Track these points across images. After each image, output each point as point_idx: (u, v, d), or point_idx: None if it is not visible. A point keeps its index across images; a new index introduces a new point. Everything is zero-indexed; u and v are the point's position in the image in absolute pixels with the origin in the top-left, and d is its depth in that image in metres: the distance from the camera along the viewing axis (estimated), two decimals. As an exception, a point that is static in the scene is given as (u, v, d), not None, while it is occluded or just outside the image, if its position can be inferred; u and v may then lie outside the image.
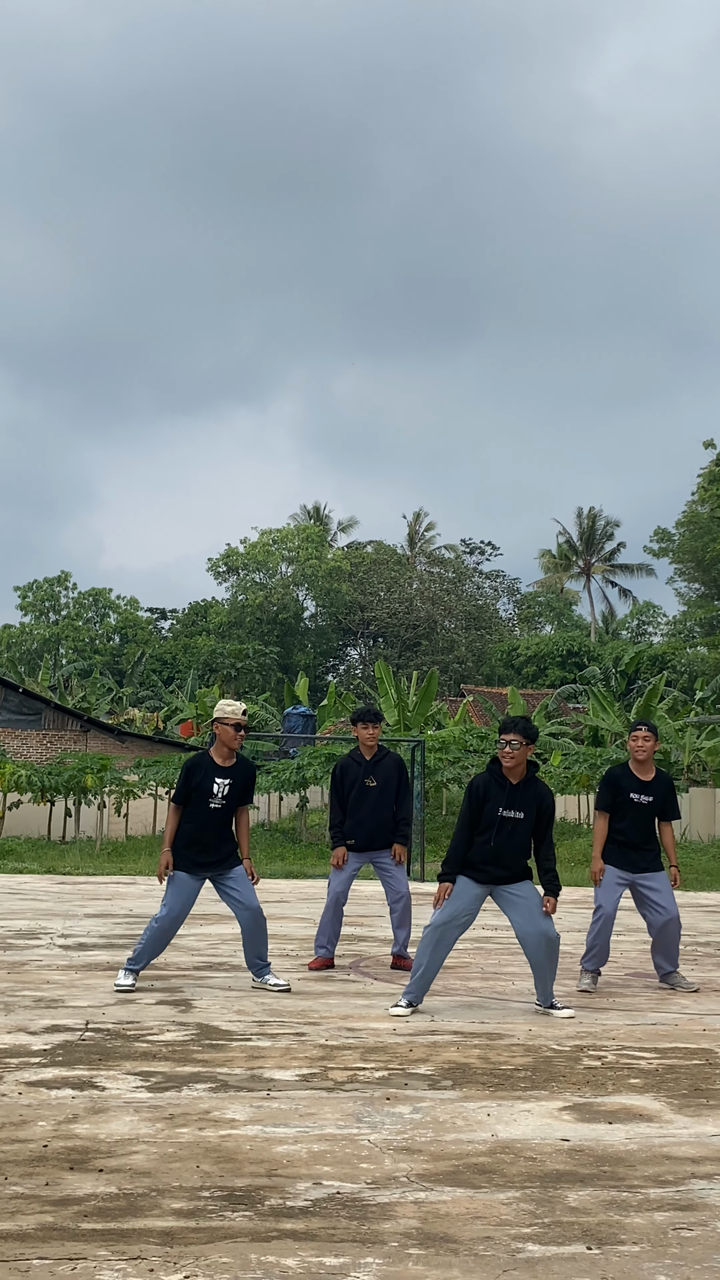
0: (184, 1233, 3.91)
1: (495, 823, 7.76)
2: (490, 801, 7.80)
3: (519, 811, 7.79)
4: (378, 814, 9.45)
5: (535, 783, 7.91)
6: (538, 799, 7.84)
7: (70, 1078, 5.92)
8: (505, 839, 7.76)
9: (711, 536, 53.83)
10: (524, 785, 7.85)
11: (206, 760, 8.55)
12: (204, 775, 8.46)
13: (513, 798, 7.79)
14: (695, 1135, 5.18)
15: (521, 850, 7.82)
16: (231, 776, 8.50)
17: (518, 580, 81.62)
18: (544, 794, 7.89)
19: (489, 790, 7.83)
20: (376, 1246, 3.83)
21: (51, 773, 27.81)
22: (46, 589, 77.60)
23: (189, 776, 8.48)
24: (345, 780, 9.56)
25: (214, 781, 8.44)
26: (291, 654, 68.92)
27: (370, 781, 9.50)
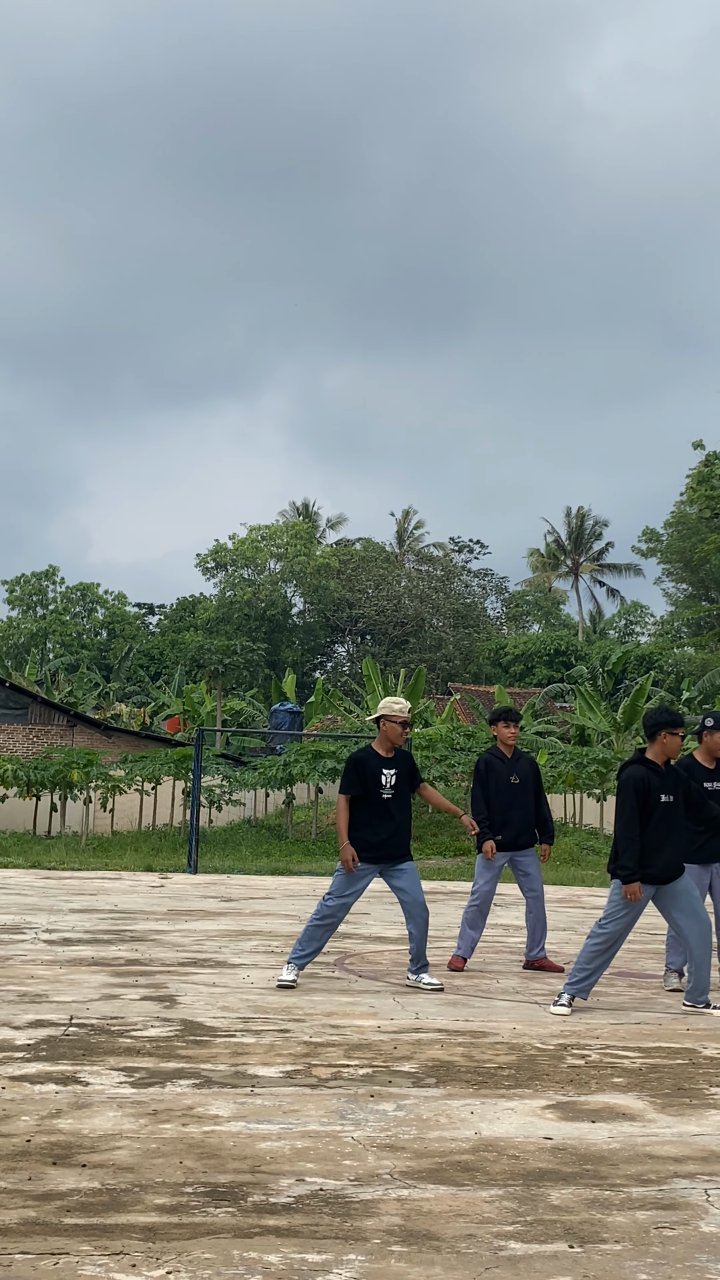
0: (167, 1228, 3.91)
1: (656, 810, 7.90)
2: (653, 791, 7.92)
3: (672, 795, 7.98)
4: (524, 811, 9.67)
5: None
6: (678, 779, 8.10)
7: (54, 1073, 5.91)
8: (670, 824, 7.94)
9: (700, 537, 53.94)
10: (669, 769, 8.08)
11: (371, 754, 8.84)
12: (371, 768, 8.75)
13: (665, 781, 7.98)
14: (678, 1134, 5.20)
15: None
16: (396, 766, 8.82)
17: (506, 579, 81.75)
18: (678, 769, 8.17)
19: (649, 781, 7.94)
20: (359, 1243, 3.83)
21: (37, 767, 27.76)
22: (34, 583, 77.42)
23: (360, 769, 8.74)
24: (490, 776, 9.71)
25: (382, 773, 8.74)
26: (279, 650, 68.87)
27: (515, 779, 9.67)
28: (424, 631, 69.87)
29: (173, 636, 71.34)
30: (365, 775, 8.71)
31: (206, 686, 49.53)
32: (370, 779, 8.71)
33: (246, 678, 57.53)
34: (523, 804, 9.65)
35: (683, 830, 7.99)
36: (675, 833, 7.91)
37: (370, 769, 8.73)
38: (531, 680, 63.64)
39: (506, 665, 66.52)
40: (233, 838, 28.10)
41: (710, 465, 37.57)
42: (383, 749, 8.84)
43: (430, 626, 70.24)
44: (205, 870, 20.94)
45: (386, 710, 8.84)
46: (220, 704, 45.67)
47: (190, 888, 17.11)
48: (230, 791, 28.44)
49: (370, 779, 8.71)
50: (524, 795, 9.66)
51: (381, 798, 8.69)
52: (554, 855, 25.28)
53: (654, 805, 7.87)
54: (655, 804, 7.87)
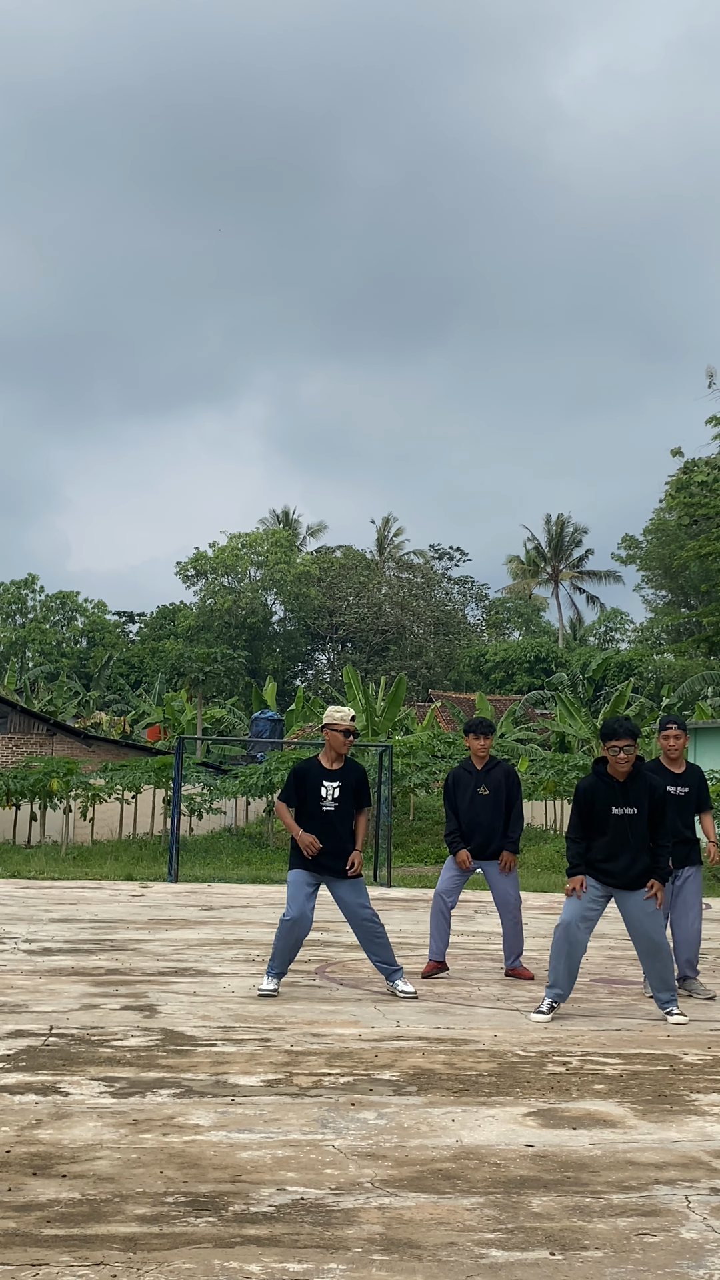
0: (147, 1238, 3.90)
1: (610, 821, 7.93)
2: (599, 801, 7.95)
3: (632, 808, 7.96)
4: (492, 822, 9.64)
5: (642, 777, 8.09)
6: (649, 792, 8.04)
7: (34, 1083, 5.89)
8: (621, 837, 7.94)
9: (678, 544, 54.13)
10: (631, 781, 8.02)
11: (315, 765, 8.74)
12: (313, 780, 8.65)
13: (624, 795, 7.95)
14: (659, 1141, 5.21)
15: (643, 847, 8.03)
16: (341, 779, 8.69)
17: (486, 586, 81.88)
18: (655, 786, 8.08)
19: (596, 791, 7.98)
20: (340, 1252, 3.83)
21: (17, 776, 27.65)
22: (13, 592, 77.20)
23: (300, 781, 8.68)
24: (458, 789, 9.77)
25: (322, 785, 8.64)
26: (260, 658, 68.82)
27: (483, 790, 9.68)
28: (405, 639, 69.92)
29: (153, 645, 71.23)
30: (304, 786, 8.64)
31: (187, 695, 49.45)
32: (309, 790, 8.62)
33: (227, 686, 57.47)
34: (491, 815, 9.65)
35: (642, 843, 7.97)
36: (632, 845, 7.93)
37: (310, 780, 8.64)
38: (512, 687, 63.75)
39: (487, 672, 66.63)
40: (213, 846, 28.05)
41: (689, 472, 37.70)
42: (327, 760, 8.74)
43: (411, 634, 70.30)
44: (186, 879, 20.88)
45: (328, 719, 8.75)
46: (201, 712, 45.59)
47: (171, 896, 17.07)
48: (211, 800, 28.38)
49: (309, 790, 8.62)
50: (493, 806, 9.66)
51: (321, 809, 8.58)
52: (535, 862, 25.29)
53: (602, 817, 7.93)
54: (605, 815, 7.92)
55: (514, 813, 9.75)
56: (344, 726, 8.70)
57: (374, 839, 23.23)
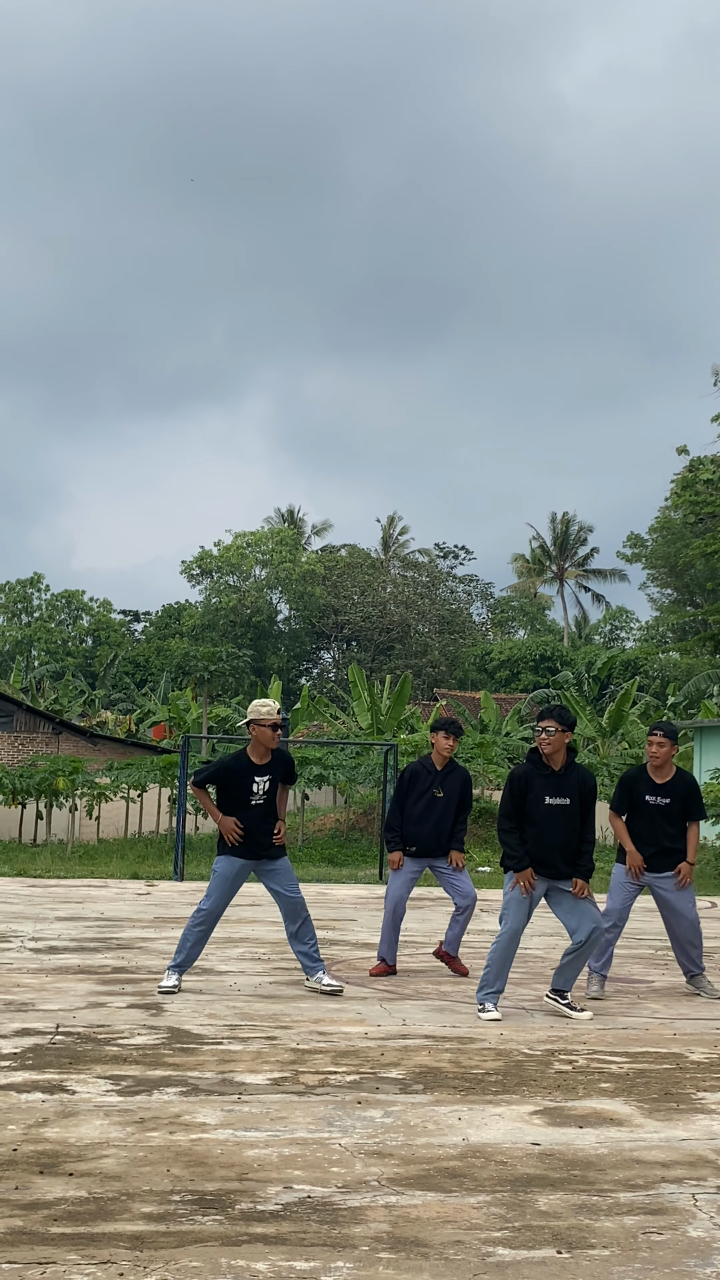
0: (154, 1237, 3.90)
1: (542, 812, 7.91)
2: (534, 790, 7.92)
3: (565, 798, 7.92)
4: (440, 824, 9.55)
5: (576, 768, 8.05)
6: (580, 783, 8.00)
7: (40, 1081, 5.89)
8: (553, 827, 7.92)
9: (684, 542, 54.07)
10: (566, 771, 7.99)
11: (244, 762, 8.66)
12: (242, 776, 8.60)
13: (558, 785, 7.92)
14: (665, 1139, 5.20)
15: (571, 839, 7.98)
16: (270, 772, 8.65)
17: (491, 585, 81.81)
18: (586, 778, 8.04)
19: (532, 780, 7.95)
20: (347, 1250, 3.83)
21: (23, 775, 27.67)
22: (19, 591, 77.27)
23: (225, 776, 8.62)
24: (413, 787, 9.64)
25: (253, 780, 8.59)
26: (265, 657, 68.83)
27: (438, 792, 9.58)
28: (409, 638, 69.90)
29: (158, 643, 71.24)
30: (231, 783, 8.58)
31: (192, 693, 49.48)
32: (239, 787, 8.55)
33: (232, 684, 57.54)
34: (443, 817, 9.53)
35: (573, 835, 7.95)
36: (563, 836, 7.92)
37: (240, 777, 8.58)
38: (517, 686, 63.73)
39: (492, 671, 66.61)
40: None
41: (694, 471, 37.65)
42: (255, 755, 8.65)
43: (416, 632, 70.27)
44: (191, 877, 20.87)
45: (255, 714, 8.63)
46: (206, 711, 45.60)
47: (176, 895, 17.07)
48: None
49: (239, 787, 8.55)
50: (447, 808, 9.54)
51: (251, 803, 8.56)
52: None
53: (534, 805, 7.92)
54: (538, 804, 7.91)
55: (463, 817, 9.64)
56: (272, 721, 8.61)
57: (378, 837, 23.22)
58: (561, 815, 7.90)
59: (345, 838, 28.72)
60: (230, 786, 8.61)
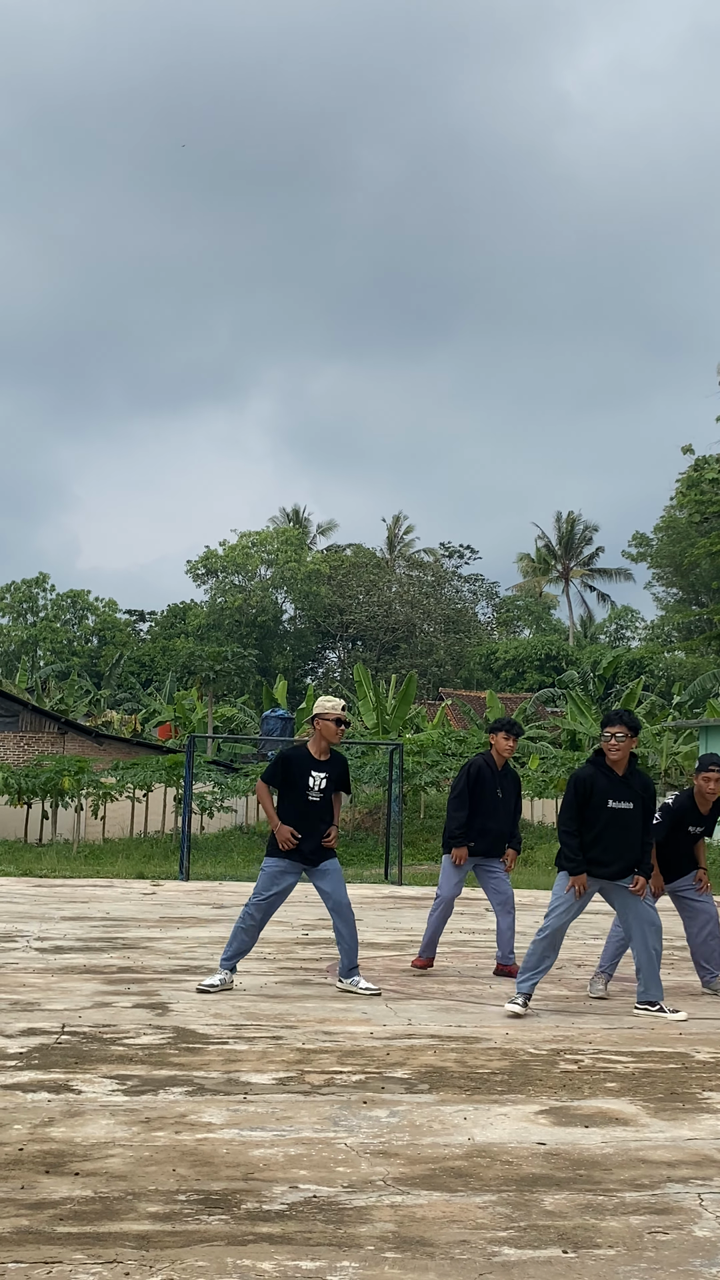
0: (160, 1236, 3.91)
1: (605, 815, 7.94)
2: (598, 793, 7.95)
3: (628, 802, 7.96)
4: (502, 825, 9.58)
5: (638, 773, 8.08)
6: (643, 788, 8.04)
7: (46, 1081, 5.90)
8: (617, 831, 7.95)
9: (689, 542, 54.05)
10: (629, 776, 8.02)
11: (303, 753, 8.67)
12: (300, 768, 8.59)
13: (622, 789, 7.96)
14: (671, 1139, 5.20)
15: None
16: (328, 770, 8.64)
17: (496, 584, 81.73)
18: (647, 783, 8.07)
19: (595, 783, 7.98)
20: (352, 1250, 3.83)
21: (28, 775, 27.70)
22: (24, 590, 77.32)
23: (286, 767, 8.59)
24: (481, 784, 9.59)
25: (310, 775, 8.57)
26: (270, 657, 68.84)
27: (499, 792, 9.61)
28: (415, 637, 69.89)
29: (163, 643, 71.25)
30: (291, 774, 8.57)
31: (198, 693, 49.49)
32: (297, 779, 8.54)
33: (238, 684, 57.51)
34: (503, 817, 9.59)
35: (636, 838, 7.98)
36: (625, 840, 7.95)
37: (297, 769, 8.57)
38: (523, 685, 63.69)
39: (498, 670, 66.57)
40: (224, 844, 28.06)
41: (699, 470, 37.66)
42: (316, 750, 8.66)
43: (421, 632, 70.26)
44: (197, 877, 20.89)
45: (320, 709, 8.67)
46: (211, 710, 45.61)
47: (182, 895, 17.08)
48: (222, 798, 28.40)
49: (297, 779, 8.54)
50: (505, 809, 9.61)
51: (308, 799, 8.53)
52: (546, 860, 25.27)
53: (596, 809, 7.95)
54: (601, 807, 7.94)
55: (518, 819, 9.77)
56: (336, 715, 8.64)
57: (385, 837, 23.24)
58: (624, 819, 7.94)
59: (351, 837, 28.71)
60: (290, 775, 8.58)
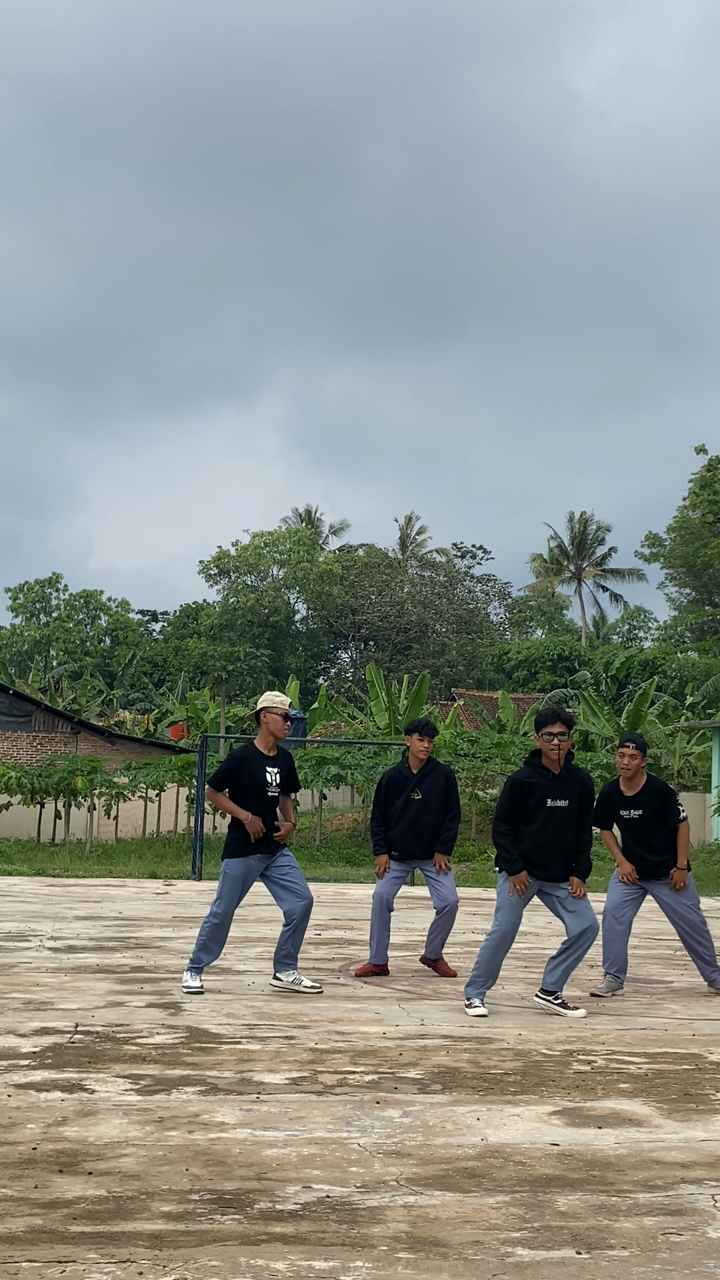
0: (173, 1236, 3.91)
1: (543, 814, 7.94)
2: (535, 794, 7.96)
3: (565, 800, 7.95)
4: (419, 828, 9.51)
5: (575, 770, 8.06)
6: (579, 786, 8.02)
7: (59, 1080, 5.91)
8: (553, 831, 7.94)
9: (703, 542, 53.92)
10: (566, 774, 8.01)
11: (254, 751, 8.68)
12: (255, 766, 8.61)
13: (557, 787, 7.95)
14: (684, 1140, 5.19)
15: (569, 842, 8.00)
16: (279, 765, 8.68)
17: (509, 584, 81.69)
18: (584, 780, 8.05)
19: (533, 783, 7.99)
20: (366, 1250, 3.83)
21: (41, 774, 27.75)
22: (37, 591, 77.50)
23: (239, 768, 8.60)
24: (390, 793, 9.64)
25: (266, 771, 8.60)
26: (282, 657, 68.87)
27: (416, 795, 9.55)
28: (427, 637, 69.86)
29: (176, 643, 71.34)
30: (245, 772, 8.58)
31: (210, 693, 49.53)
32: (252, 778, 8.55)
33: (250, 684, 57.52)
34: (424, 818, 9.49)
35: (570, 836, 7.97)
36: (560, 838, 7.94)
37: (253, 767, 8.59)
38: (535, 686, 63.62)
39: (510, 671, 66.51)
40: (237, 844, 28.06)
41: (713, 470, 37.59)
42: (264, 746, 8.67)
43: (433, 632, 70.24)
44: (210, 877, 20.91)
45: (267, 702, 8.65)
46: (224, 710, 45.65)
47: (195, 894, 17.10)
48: (234, 798, 28.38)
49: (252, 778, 8.55)
50: (428, 809, 9.49)
51: (266, 795, 8.54)
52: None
53: (535, 809, 7.95)
54: (539, 807, 7.94)
55: (450, 816, 9.57)
56: (284, 710, 8.65)
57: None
58: (560, 817, 7.93)
59: (363, 838, 28.71)
60: (245, 776, 8.59)
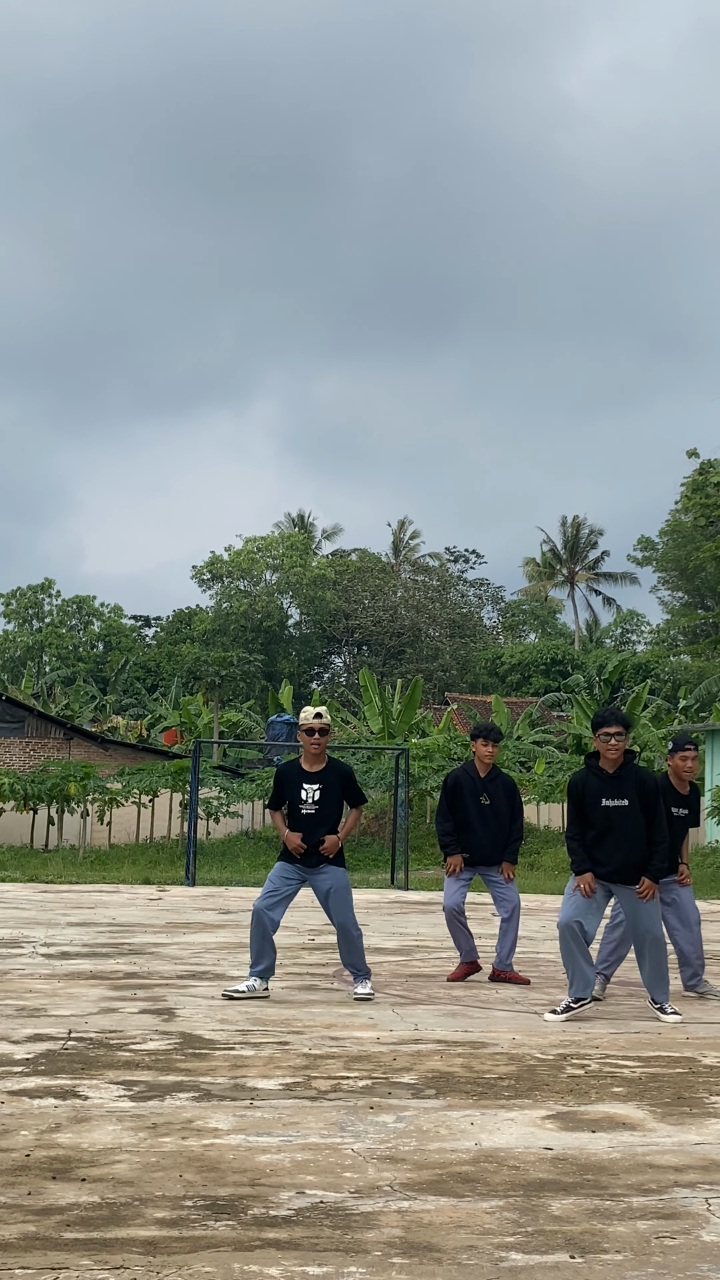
0: (167, 1242, 3.90)
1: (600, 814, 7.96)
2: (589, 793, 7.98)
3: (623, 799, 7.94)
4: (492, 832, 9.55)
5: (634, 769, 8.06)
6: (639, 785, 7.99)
7: (53, 1087, 5.90)
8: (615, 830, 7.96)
9: (695, 545, 54.00)
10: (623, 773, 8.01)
11: (294, 768, 8.76)
12: (292, 783, 8.68)
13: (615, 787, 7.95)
14: (678, 1144, 5.19)
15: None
16: (321, 780, 8.65)
17: (502, 589, 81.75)
18: (645, 778, 8.04)
19: (588, 783, 8.01)
20: (360, 1256, 3.83)
21: (34, 781, 27.73)
22: (30, 596, 77.39)
23: (280, 784, 8.76)
24: (458, 794, 9.63)
25: (302, 788, 8.63)
26: (276, 662, 68.86)
27: (485, 799, 9.58)
28: (420, 642, 69.88)
29: (169, 649, 71.30)
30: (284, 789, 8.71)
31: (203, 698, 49.54)
32: (290, 794, 8.66)
33: (243, 689, 57.56)
34: (492, 825, 9.54)
35: (635, 836, 7.94)
36: (623, 838, 7.93)
37: (289, 783, 8.70)
38: (528, 689, 63.65)
39: (503, 675, 66.54)
40: (231, 850, 28.07)
41: (704, 473, 37.67)
42: (306, 763, 8.74)
43: (427, 637, 70.26)
44: (203, 882, 20.91)
45: (299, 720, 8.76)
46: (217, 716, 45.65)
47: (188, 900, 17.09)
48: (228, 803, 28.42)
49: (290, 794, 8.66)
50: (494, 816, 9.55)
51: (301, 812, 8.59)
52: (552, 864, 25.26)
53: (592, 809, 7.98)
54: (595, 807, 7.96)
55: (516, 826, 9.65)
56: (306, 725, 8.66)
57: (390, 842, 23.23)
58: (620, 816, 7.92)
59: (357, 842, 28.71)
60: (284, 791, 8.72)
